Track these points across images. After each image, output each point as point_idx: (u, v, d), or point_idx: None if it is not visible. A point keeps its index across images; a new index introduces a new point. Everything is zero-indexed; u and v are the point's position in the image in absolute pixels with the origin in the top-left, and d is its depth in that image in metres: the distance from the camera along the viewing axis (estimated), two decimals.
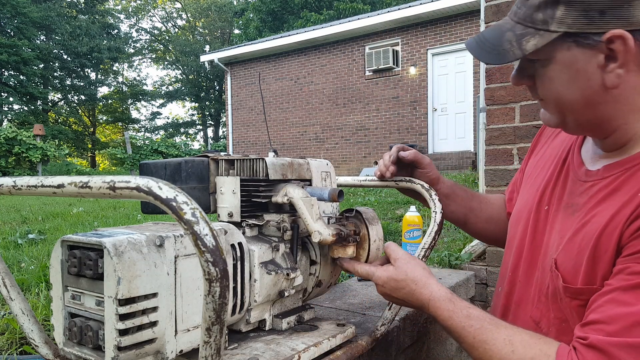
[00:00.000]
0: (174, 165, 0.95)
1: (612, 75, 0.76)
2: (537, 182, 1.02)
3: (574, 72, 0.78)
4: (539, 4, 0.77)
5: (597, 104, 0.80)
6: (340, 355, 0.95)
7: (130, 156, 15.65)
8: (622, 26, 0.73)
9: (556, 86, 0.81)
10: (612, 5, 0.72)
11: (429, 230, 1.07)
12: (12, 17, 23.24)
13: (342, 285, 1.65)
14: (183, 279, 0.73)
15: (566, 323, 0.85)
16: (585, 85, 0.78)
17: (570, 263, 0.82)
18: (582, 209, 0.84)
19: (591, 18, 0.73)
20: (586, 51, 0.76)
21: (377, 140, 11.89)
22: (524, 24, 0.79)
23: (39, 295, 1.68)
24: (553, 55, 0.79)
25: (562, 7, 0.75)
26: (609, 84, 0.77)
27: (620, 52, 0.74)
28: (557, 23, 0.76)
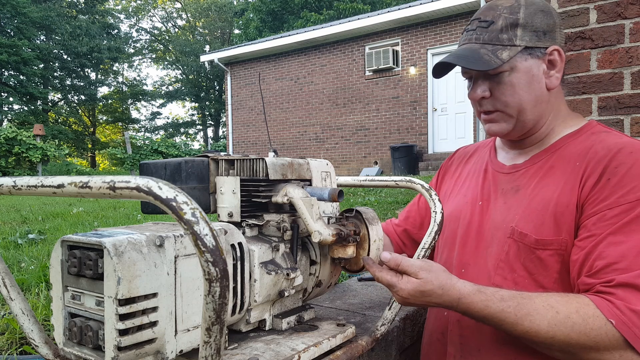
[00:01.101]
0: (174, 165, 0.95)
1: (552, 78, 1.06)
2: (464, 190, 1.25)
3: (530, 77, 1.05)
4: (501, 28, 1.04)
5: (541, 102, 1.07)
6: (340, 355, 0.95)
7: (130, 156, 15.65)
8: (555, 43, 1.06)
9: (518, 90, 1.05)
10: (548, 30, 1.05)
11: (429, 230, 1.07)
12: (12, 17, 23.24)
13: (342, 285, 1.65)
14: (183, 279, 0.73)
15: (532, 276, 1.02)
16: (537, 87, 1.06)
17: (532, 224, 1.02)
18: (527, 187, 1.07)
19: (539, 37, 1.04)
20: (537, 61, 1.05)
21: (377, 140, 11.88)
22: (492, 44, 1.04)
23: (39, 295, 1.68)
24: (515, 65, 1.04)
25: (520, 29, 1.04)
26: (551, 85, 1.06)
27: (557, 61, 1.06)
28: (520, 39, 1.03)
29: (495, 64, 1.02)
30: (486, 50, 1.03)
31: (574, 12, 1.78)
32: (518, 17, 1.03)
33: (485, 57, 1.03)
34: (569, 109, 1.15)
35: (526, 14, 1.04)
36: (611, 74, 1.73)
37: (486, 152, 1.26)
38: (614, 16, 1.71)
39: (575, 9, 1.78)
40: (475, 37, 1.06)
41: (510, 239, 1.05)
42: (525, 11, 1.04)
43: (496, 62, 1.02)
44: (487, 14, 1.07)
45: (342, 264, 1.10)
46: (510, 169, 1.14)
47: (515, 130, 1.10)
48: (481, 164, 1.25)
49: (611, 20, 1.72)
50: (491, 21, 1.05)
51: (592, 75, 1.76)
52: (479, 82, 1.09)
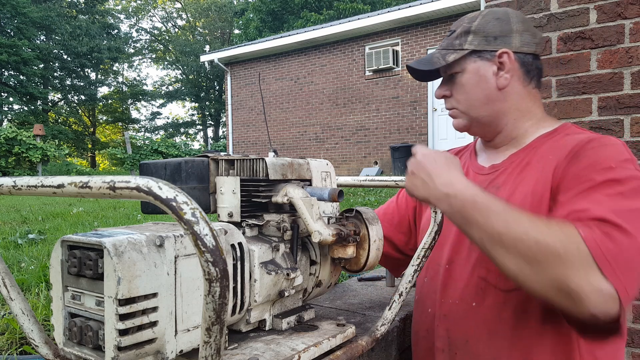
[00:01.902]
0: (174, 165, 0.95)
1: (502, 79, 1.15)
2: None
3: (478, 77, 1.16)
4: (456, 36, 1.18)
5: (493, 101, 1.16)
6: (340, 355, 0.95)
7: (130, 156, 15.65)
8: (507, 47, 1.14)
9: (467, 88, 1.17)
10: (500, 35, 1.15)
11: (429, 230, 1.07)
12: (12, 17, 23.23)
13: (342, 285, 1.65)
14: (183, 279, 0.73)
15: None
16: (486, 87, 1.16)
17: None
18: (506, 184, 1.13)
19: (489, 41, 1.15)
20: (485, 62, 1.15)
21: (377, 140, 11.88)
22: (446, 49, 1.19)
23: (39, 295, 1.68)
24: (465, 66, 1.17)
25: (471, 35, 1.16)
26: (500, 85, 1.15)
27: (506, 63, 1.14)
28: (468, 44, 1.16)
29: (439, 64, 1.17)
30: (439, 54, 1.18)
31: (574, 12, 1.78)
32: (471, 25, 1.17)
33: (434, 60, 1.18)
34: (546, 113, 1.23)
35: (480, 22, 1.16)
36: (611, 74, 1.73)
37: (467, 156, 1.33)
38: (614, 16, 1.71)
39: (575, 9, 1.78)
40: (440, 45, 1.22)
41: None
42: (480, 20, 1.17)
43: (440, 63, 1.17)
44: (455, 24, 1.22)
45: (342, 264, 1.10)
46: (489, 170, 1.20)
47: (472, 126, 1.21)
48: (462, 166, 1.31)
49: (611, 20, 1.72)
50: (453, 30, 1.20)
51: (592, 75, 1.76)
52: (442, 84, 1.23)
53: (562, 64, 1.81)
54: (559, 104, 1.82)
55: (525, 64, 1.15)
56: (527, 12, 1.88)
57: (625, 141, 1.73)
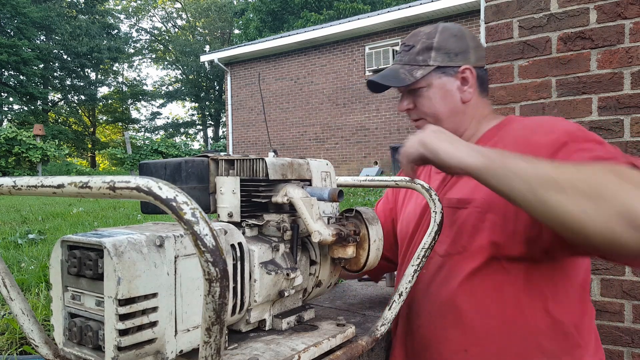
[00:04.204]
0: (173, 165, 0.95)
1: (466, 93, 1.22)
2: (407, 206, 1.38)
3: (444, 92, 1.22)
4: (418, 52, 1.22)
5: (457, 113, 1.23)
6: (340, 355, 0.95)
7: (130, 156, 15.66)
8: (467, 63, 1.21)
9: (434, 103, 1.23)
10: (459, 51, 1.21)
11: (429, 230, 1.07)
12: (12, 17, 23.23)
13: (342, 285, 1.65)
14: (183, 279, 0.73)
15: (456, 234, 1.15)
16: (450, 101, 1.22)
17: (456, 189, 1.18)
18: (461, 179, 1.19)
19: (451, 57, 1.21)
20: (450, 78, 1.21)
21: (377, 140, 11.88)
22: (410, 64, 1.23)
23: (39, 295, 1.68)
24: (431, 82, 1.22)
25: (434, 51, 1.21)
26: (465, 98, 1.22)
27: (469, 78, 1.21)
28: (433, 60, 1.21)
29: (409, 81, 1.21)
30: (404, 70, 1.22)
31: (574, 12, 1.78)
32: (432, 42, 1.21)
33: (402, 76, 1.22)
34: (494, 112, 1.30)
35: (440, 39, 1.21)
36: (611, 74, 1.73)
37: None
38: (614, 16, 1.71)
39: (575, 9, 1.78)
40: (399, 59, 1.26)
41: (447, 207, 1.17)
42: (439, 36, 1.22)
43: (410, 80, 1.21)
44: (410, 39, 1.26)
45: (342, 264, 1.10)
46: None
47: None
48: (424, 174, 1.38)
49: (611, 20, 1.72)
50: (412, 45, 1.24)
51: (592, 75, 1.76)
52: (404, 97, 1.27)
53: (562, 64, 1.81)
54: (559, 104, 1.82)
55: (480, 77, 1.23)
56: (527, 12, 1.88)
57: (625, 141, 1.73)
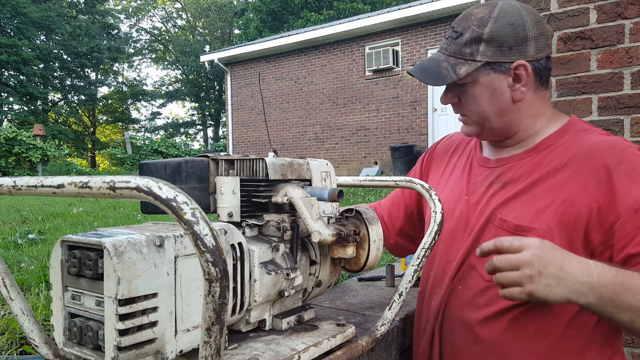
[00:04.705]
0: (173, 165, 0.95)
1: (518, 92, 1.08)
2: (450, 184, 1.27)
3: (492, 91, 1.08)
4: (466, 42, 1.06)
5: (507, 113, 1.10)
6: (340, 355, 0.95)
7: (130, 156, 15.65)
8: (523, 58, 1.05)
9: (480, 102, 1.10)
10: (515, 44, 1.04)
11: (429, 230, 1.07)
12: (12, 17, 23.23)
13: (342, 285, 1.65)
14: (183, 279, 0.73)
15: None
16: (500, 100, 1.09)
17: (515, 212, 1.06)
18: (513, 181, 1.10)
19: (503, 52, 1.05)
20: (500, 75, 1.07)
21: (377, 140, 11.88)
22: (455, 57, 1.08)
23: (39, 295, 1.68)
24: (478, 78, 1.08)
25: (483, 44, 1.05)
26: (516, 98, 1.08)
27: (523, 76, 1.06)
28: (481, 55, 1.05)
29: (450, 79, 1.07)
30: (447, 63, 1.08)
31: (574, 12, 1.78)
32: (483, 32, 1.05)
33: (444, 72, 1.08)
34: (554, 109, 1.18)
35: (492, 28, 1.04)
36: (611, 74, 1.73)
37: (472, 146, 1.28)
38: (614, 16, 1.71)
39: (575, 9, 1.78)
40: (445, 47, 1.12)
41: (492, 224, 1.09)
42: (492, 25, 1.04)
43: (451, 78, 1.07)
44: (460, 23, 1.10)
45: (342, 264, 1.10)
46: (495, 163, 1.17)
47: (484, 134, 1.17)
48: (466, 157, 1.27)
49: (611, 20, 1.72)
50: (460, 32, 1.08)
51: (592, 75, 1.76)
52: (448, 89, 1.15)
53: (562, 64, 1.81)
54: (559, 104, 1.82)
55: (539, 72, 1.08)
56: None
57: None
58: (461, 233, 1.17)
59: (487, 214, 1.11)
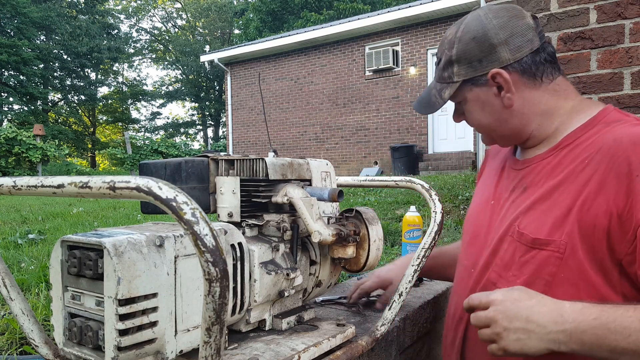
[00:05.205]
0: (173, 165, 0.95)
1: (505, 99, 1.05)
2: (483, 187, 1.26)
3: (481, 104, 1.08)
4: (443, 67, 1.10)
5: (506, 120, 1.08)
6: (340, 355, 0.95)
7: (130, 156, 15.65)
8: (497, 66, 1.03)
9: (475, 116, 1.11)
10: (484, 55, 1.03)
11: (429, 230, 1.07)
12: (12, 17, 23.22)
13: (342, 285, 1.65)
14: (183, 279, 0.73)
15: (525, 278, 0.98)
16: (492, 110, 1.08)
17: (534, 224, 0.99)
18: (533, 184, 1.04)
19: (474, 67, 1.05)
20: (482, 88, 1.06)
21: (377, 140, 11.88)
22: (440, 82, 1.12)
23: (39, 295, 1.68)
24: (465, 96, 1.10)
25: (455, 65, 1.07)
26: (506, 104, 1.05)
27: (503, 82, 1.03)
28: (456, 75, 1.07)
29: (438, 105, 1.11)
30: (435, 90, 1.13)
31: (574, 12, 1.78)
32: (452, 54, 1.07)
33: (433, 99, 1.12)
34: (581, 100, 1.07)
35: (458, 48, 1.06)
36: (611, 74, 1.73)
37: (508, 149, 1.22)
38: (614, 16, 1.71)
39: (575, 9, 1.78)
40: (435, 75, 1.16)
41: (510, 237, 1.03)
42: (458, 45, 1.06)
43: (440, 103, 1.11)
44: (439, 49, 1.13)
45: (342, 264, 1.10)
46: (521, 165, 1.11)
47: (498, 141, 1.15)
48: (502, 159, 1.23)
49: (611, 20, 1.72)
50: (440, 58, 1.12)
51: (592, 75, 1.76)
52: (455, 108, 1.17)
53: (562, 64, 1.81)
54: None
55: (525, 70, 1.03)
56: None
57: None
58: (481, 241, 1.12)
59: (506, 225, 1.05)
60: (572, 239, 0.92)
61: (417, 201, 4.70)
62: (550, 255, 0.95)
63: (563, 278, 0.93)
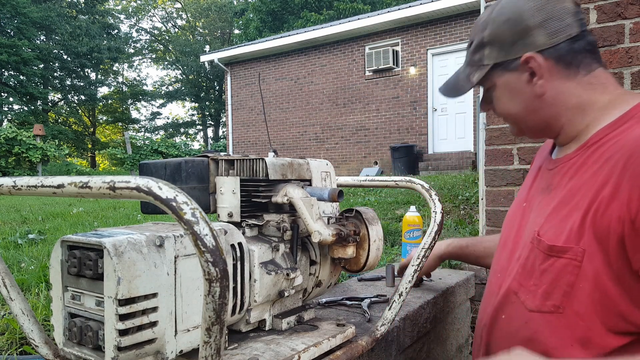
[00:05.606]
0: (173, 165, 0.95)
1: (537, 86, 0.99)
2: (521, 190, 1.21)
3: (510, 91, 1.03)
4: (473, 50, 1.06)
5: (536, 110, 1.02)
6: (340, 355, 0.95)
7: (130, 156, 15.65)
8: (531, 50, 0.97)
9: (503, 104, 1.06)
10: (518, 38, 0.98)
11: (429, 230, 1.07)
12: (12, 17, 23.22)
13: (342, 285, 1.65)
14: (183, 279, 0.73)
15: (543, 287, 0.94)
16: (522, 98, 1.02)
17: (553, 230, 0.94)
18: (557, 187, 0.99)
19: (507, 50, 0.99)
20: (513, 73, 1.01)
21: (377, 140, 11.88)
22: (470, 65, 1.07)
23: (39, 295, 1.68)
24: (494, 82, 1.04)
25: (487, 47, 1.02)
26: (538, 92, 0.99)
27: (536, 68, 0.97)
28: (487, 58, 1.02)
29: (465, 89, 1.07)
30: (464, 74, 1.08)
31: None
32: (484, 36, 1.02)
33: (461, 83, 1.08)
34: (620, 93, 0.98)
35: (491, 29, 1.01)
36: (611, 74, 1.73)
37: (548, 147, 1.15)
38: (614, 16, 1.71)
39: None
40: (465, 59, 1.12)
41: (532, 243, 0.98)
42: (491, 26, 1.01)
43: (466, 87, 1.07)
44: (472, 32, 1.08)
45: (342, 264, 1.10)
46: (553, 164, 1.05)
47: (526, 133, 1.09)
48: (541, 159, 1.17)
49: (611, 20, 1.72)
50: (471, 41, 1.07)
51: None
52: (482, 97, 1.12)
53: None
54: None
55: (561, 58, 0.96)
56: None
57: None
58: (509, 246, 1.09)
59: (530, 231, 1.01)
60: (590, 247, 0.87)
61: (417, 201, 4.70)
62: (567, 264, 0.89)
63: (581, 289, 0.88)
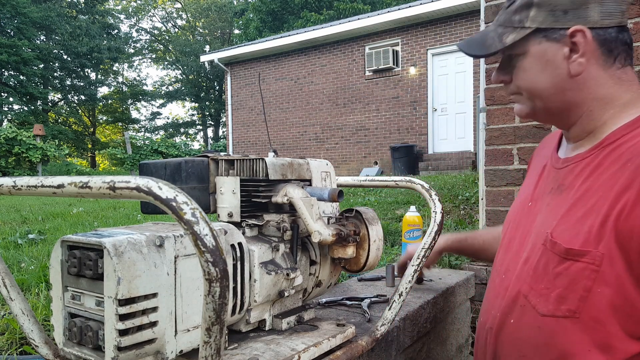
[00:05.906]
0: (173, 165, 0.95)
1: (575, 64, 0.91)
2: (523, 188, 1.17)
3: (544, 63, 0.94)
4: (516, 9, 0.95)
5: (564, 90, 0.94)
6: (340, 355, 0.95)
7: (130, 156, 15.65)
8: (582, 24, 0.89)
9: (530, 75, 0.96)
10: (572, 7, 0.90)
11: (429, 230, 1.07)
12: (12, 17, 23.22)
13: (342, 285, 1.65)
14: (183, 279, 0.73)
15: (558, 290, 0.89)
16: (554, 74, 0.94)
17: (568, 232, 0.90)
18: (571, 187, 0.94)
19: (557, 16, 0.91)
20: (553, 44, 0.92)
21: (377, 140, 11.88)
22: (504, 25, 0.97)
23: (39, 295, 1.68)
24: (528, 48, 0.95)
25: (534, 9, 0.92)
26: (573, 71, 0.92)
27: (581, 44, 0.90)
28: (531, 21, 0.93)
29: (494, 48, 0.96)
30: (495, 33, 0.97)
31: None
32: None
33: (489, 42, 0.97)
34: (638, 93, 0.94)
35: None
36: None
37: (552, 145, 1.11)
38: None
39: None
40: (497, 18, 1.00)
41: (543, 245, 0.94)
42: None
43: (496, 47, 0.96)
44: None
45: (342, 264, 1.10)
46: (562, 163, 1.00)
47: (538, 115, 1.02)
48: (544, 158, 1.12)
49: None
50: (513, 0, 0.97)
51: None
52: (500, 65, 1.03)
53: None
54: None
55: (606, 42, 0.90)
56: None
57: None
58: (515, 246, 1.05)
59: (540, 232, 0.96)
60: (610, 251, 0.83)
61: (417, 201, 4.70)
62: (585, 268, 0.85)
63: (599, 294, 0.85)
